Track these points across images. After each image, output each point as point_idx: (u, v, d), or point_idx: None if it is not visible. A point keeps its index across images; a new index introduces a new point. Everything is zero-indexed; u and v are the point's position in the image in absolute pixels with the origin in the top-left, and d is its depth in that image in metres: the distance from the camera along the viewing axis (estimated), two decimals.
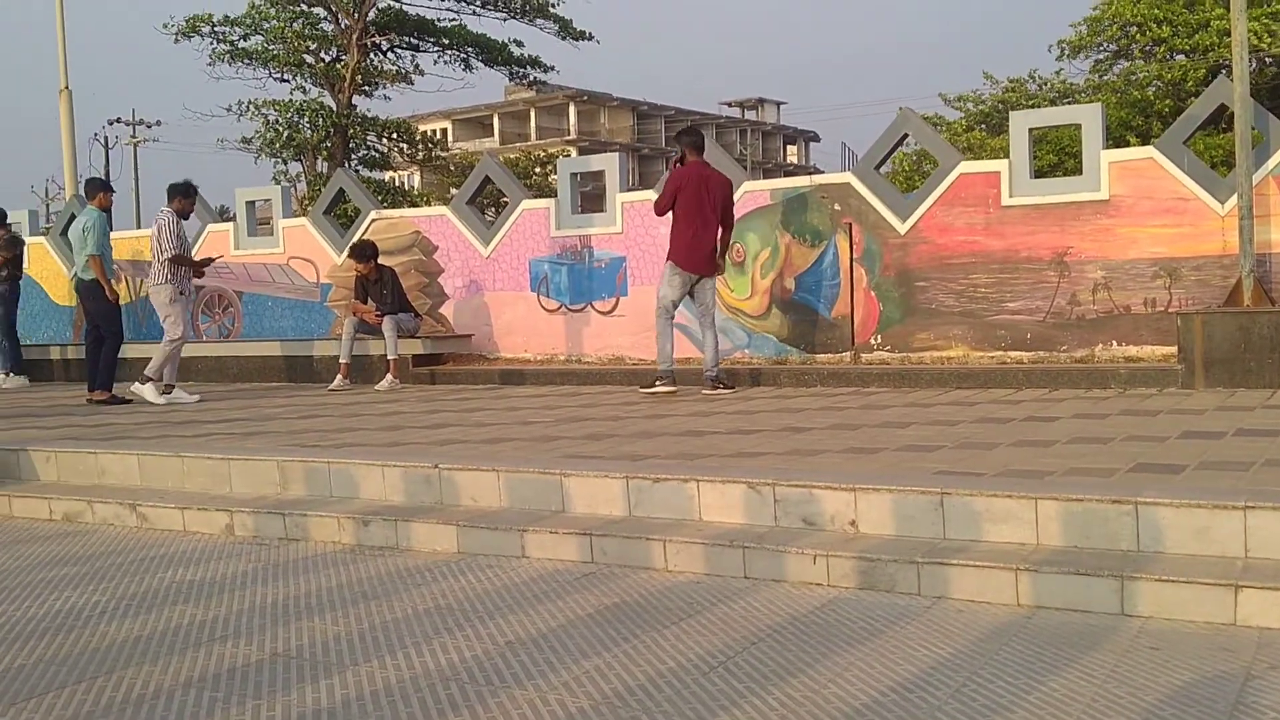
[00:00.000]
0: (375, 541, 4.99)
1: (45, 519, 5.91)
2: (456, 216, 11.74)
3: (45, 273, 14.32)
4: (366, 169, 24.13)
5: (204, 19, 22.44)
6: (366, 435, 6.69)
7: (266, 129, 22.49)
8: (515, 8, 23.13)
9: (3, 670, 3.39)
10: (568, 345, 11.03)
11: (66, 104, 19.10)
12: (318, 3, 22.53)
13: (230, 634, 3.71)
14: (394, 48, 23.99)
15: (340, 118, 22.22)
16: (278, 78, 23.46)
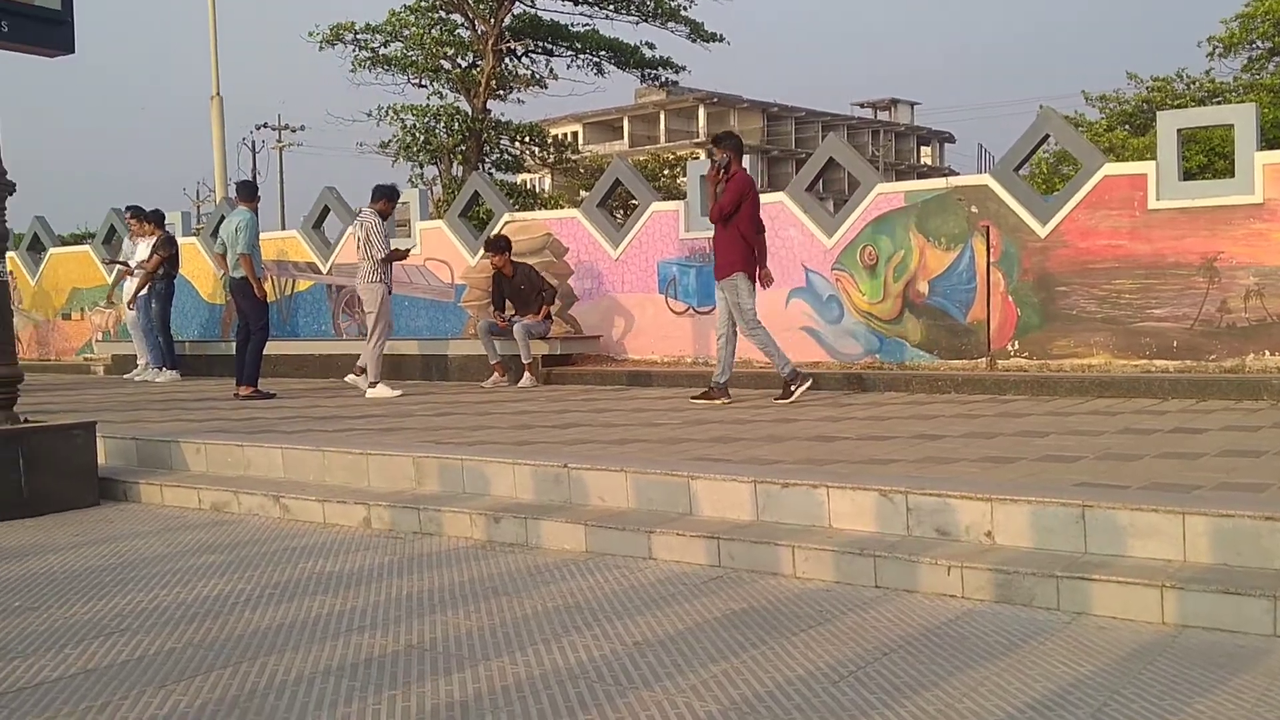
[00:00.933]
0: (506, 538, 5.07)
1: (195, 508, 6.17)
2: (587, 219, 11.86)
3: (196, 272, 14.95)
4: (500, 172, 24.57)
5: (347, 27, 23.15)
6: (498, 434, 6.81)
7: (404, 133, 23.08)
8: (647, 11, 23.25)
9: (154, 654, 3.55)
10: (695, 347, 11.03)
11: (217, 110, 19.95)
12: (455, 9, 23.02)
13: (367, 625, 3.81)
14: (528, 53, 24.37)
15: (475, 122, 22.67)
16: (415, 83, 24.07)
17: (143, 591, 4.34)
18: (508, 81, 24.08)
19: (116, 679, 3.29)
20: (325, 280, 14.11)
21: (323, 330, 14.11)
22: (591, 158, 41.66)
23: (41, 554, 5.11)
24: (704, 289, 10.98)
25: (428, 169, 24.15)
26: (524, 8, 23.32)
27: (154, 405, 9.52)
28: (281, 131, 51.29)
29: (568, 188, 39.78)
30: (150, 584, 4.46)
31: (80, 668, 3.40)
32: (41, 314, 17.02)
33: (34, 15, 6.31)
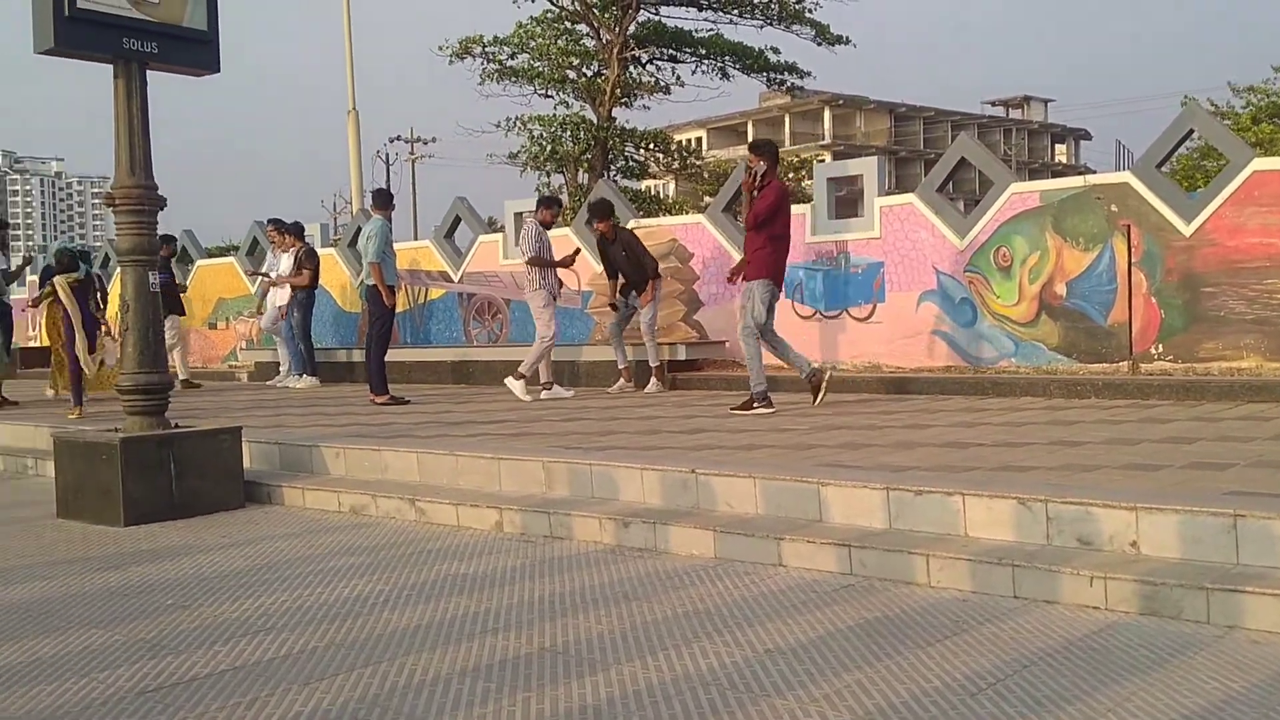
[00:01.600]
0: (635, 543, 5.09)
1: (334, 510, 6.37)
2: (712, 224, 11.84)
3: (333, 281, 15.43)
4: (624, 179, 24.73)
5: (475, 40, 23.62)
6: (625, 438, 6.84)
7: (531, 143, 23.42)
8: (772, 15, 23.12)
9: (299, 652, 3.66)
10: (822, 352, 10.91)
11: (353, 124, 20.58)
12: (581, 20, 23.27)
13: (501, 627, 3.87)
14: (653, 60, 24.48)
15: (600, 130, 22.87)
16: (542, 94, 24.40)
17: (287, 591, 4.49)
18: (632, 89, 24.23)
19: (263, 676, 3.41)
20: (456, 288, 14.41)
21: (454, 337, 14.41)
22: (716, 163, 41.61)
23: (191, 554, 5.33)
24: (831, 293, 10.86)
25: (554, 178, 24.47)
26: (649, 15, 23.44)
27: (295, 410, 9.85)
28: (414, 144, 52.63)
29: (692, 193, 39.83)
30: (294, 584, 4.61)
31: (229, 664, 3.53)
32: (189, 323, 17.79)
33: (182, 36, 6.60)
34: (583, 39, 23.83)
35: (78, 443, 6.50)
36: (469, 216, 14.66)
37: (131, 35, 6.32)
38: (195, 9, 6.59)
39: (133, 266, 6.52)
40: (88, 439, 6.48)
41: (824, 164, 13.27)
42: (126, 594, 4.55)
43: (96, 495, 6.27)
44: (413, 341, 14.45)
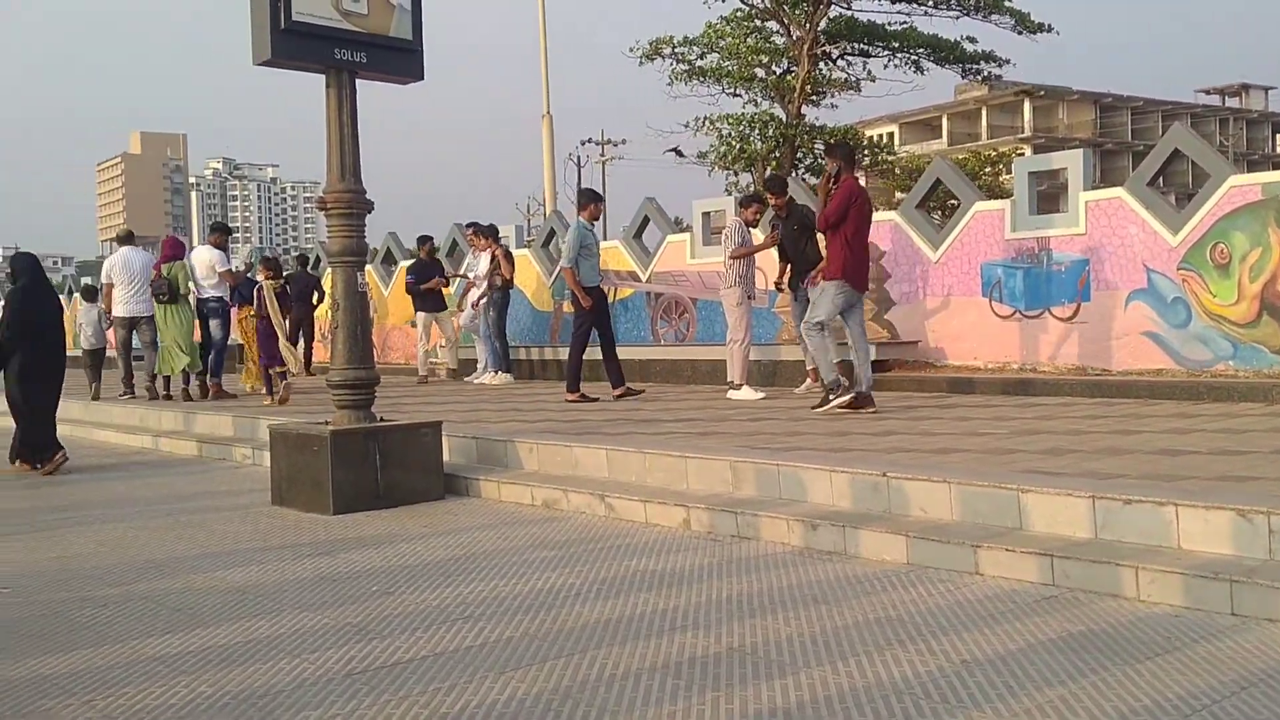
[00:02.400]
0: (823, 545, 5.02)
1: (528, 504, 6.53)
2: (905, 220, 11.58)
3: (526, 281, 15.82)
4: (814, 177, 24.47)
5: (665, 41, 23.81)
6: (813, 440, 6.77)
7: (720, 142, 23.45)
8: (969, 5, 22.45)
9: (494, 641, 3.77)
10: (1022, 353, 10.52)
11: (548, 128, 21.07)
12: (771, 17, 23.15)
13: (689, 625, 3.88)
14: (844, 55, 24.14)
15: (789, 128, 22.69)
16: (730, 93, 24.39)
17: (484, 582, 4.62)
18: (822, 86, 23.95)
19: (461, 663, 3.52)
20: (644, 288, 14.56)
21: (642, 336, 14.56)
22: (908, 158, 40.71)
23: (395, 543, 5.56)
24: (1032, 291, 10.45)
25: (742, 176, 24.43)
26: (840, 10, 23.12)
27: (491, 406, 10.15)
28: (605, 146, 53.47)
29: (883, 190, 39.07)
30: (490, 575, 4.75)
31: (430, 651, 3.67)
32: (392, 322, 18.56)
33: (389, 46, 6.89)
34: (772, 37, 23.70)
35: (291, 434, 6.87)
36: (657, 216, 14.79)
37: (342, 46, 6.64)
38: (401, 20, 6.87)
39: (342, 267, 6.85)
40: (300, 431, 6.85)
41: (1024, 158, 12.79)
42: (335, 580, 4.78)
43: (308, 484, 6.62)
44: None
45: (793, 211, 10.40)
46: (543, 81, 20.82)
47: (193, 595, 4.57)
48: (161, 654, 3.72)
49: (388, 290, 18.51)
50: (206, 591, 4.64)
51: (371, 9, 6.72)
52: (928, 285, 11.34)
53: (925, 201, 12.00)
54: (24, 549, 5.66)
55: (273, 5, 6.36)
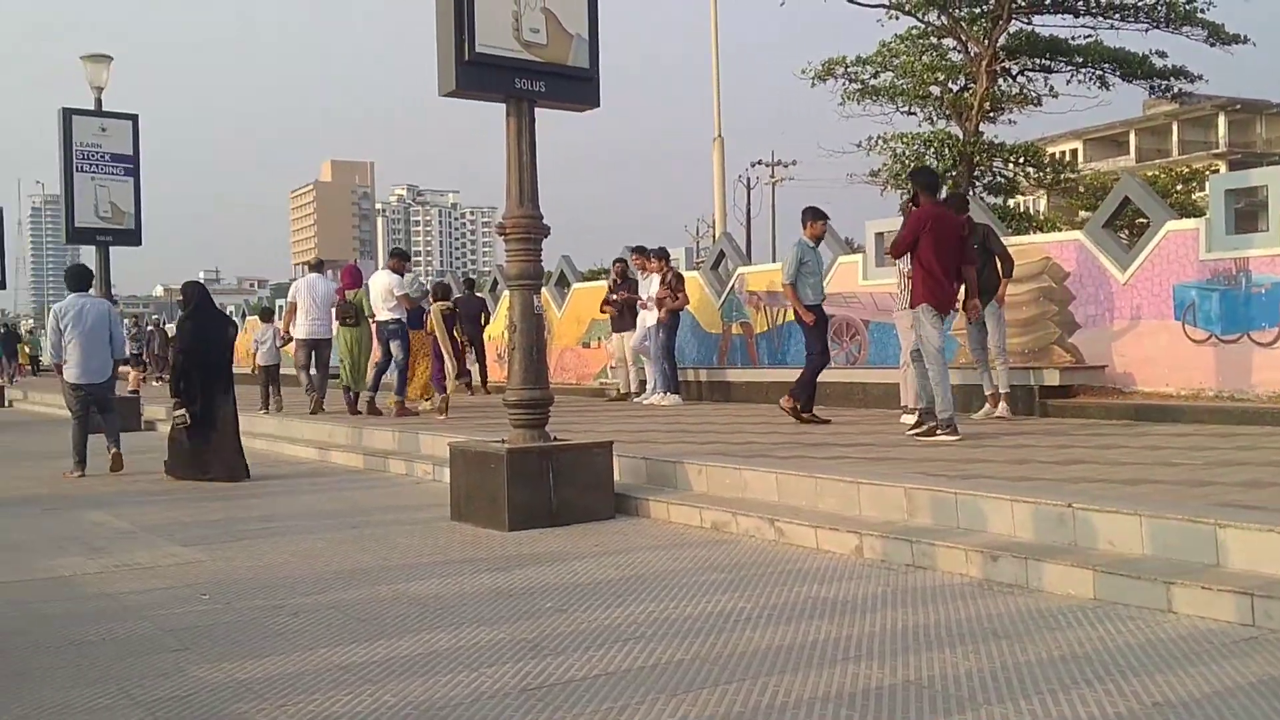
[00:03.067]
0: (1003, 578, 4.86)
1: (697, 526, 6.54)
2: (1090, 240, 11.13)
3: (696, 303, 15.88)
4: (991, 195, 23.80)
5: (839, 61, 23.58)
6: (992, 467, 6.56)
7: (894, 161, 23.06)
8: (1159, 17, 21.45)
9: (665, 663, 3.78)
10: (1218, 380, 9.95)
11: (719, 150, 21.16)
12: (948, 34, 22.68)
13: (863, 654, 3.81)
14: (1024, 71, 23.42)
15: (967, 146, 22.14)
16: (905, 111, 23.97)
17: (654, 602, 4.65)
18: (1001, 102, 23.29)
19: (633, 684, 3.54)
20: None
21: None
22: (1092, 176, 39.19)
23: (567, 561, 5.65)
24: (1229, 314, 9.89)
25: None
26: (1020, 25, 22.45)
27: (659, 428, 10.22)
28: (774, 167, 53.33)
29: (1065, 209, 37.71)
30: (660, 596, 4.78)
31: (602, 670, 3.71)
32: (565, 343, 18.93)
33: (567, 75, 7.06)
34: (949, 54, 23.20)
35: (470, 452, 7.07)
36: (829, 238, 14.64)
37: (522, 75, 6.84)
38: (579, 49, 7.03)
39: (520, 290, 7.03)
40: (478, 449, 7.04)
41: (1220, 175, 12.15)
42: (510, 595, 4.89)
43: (485, 501, 6.80)
44: (770, 362, 14.59)
45: (973, 230, 10.06)
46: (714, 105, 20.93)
47: (377, 606, 4.75)
48: (348, 662, 3.88)
49: (561, 312, 18.88)
50: (390, 602, 4.81)
51: (551, 39, 6.91)
52: (1115, 308, 10.86)
53: (1112, 220, 11.52)
54: (222, 558, 5.99)
55: (458, 38, 6.61)
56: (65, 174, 15.86)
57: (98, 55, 16.29)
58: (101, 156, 16.13)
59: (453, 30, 6.63)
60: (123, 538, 6.71)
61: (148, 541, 6.55)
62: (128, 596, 5.06)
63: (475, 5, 6.60)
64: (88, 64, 16.19)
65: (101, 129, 16.18)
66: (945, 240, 8.47)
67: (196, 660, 3.97)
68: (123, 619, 4.64)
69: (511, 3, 6.76)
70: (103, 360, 10.13)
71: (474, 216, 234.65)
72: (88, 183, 16.02)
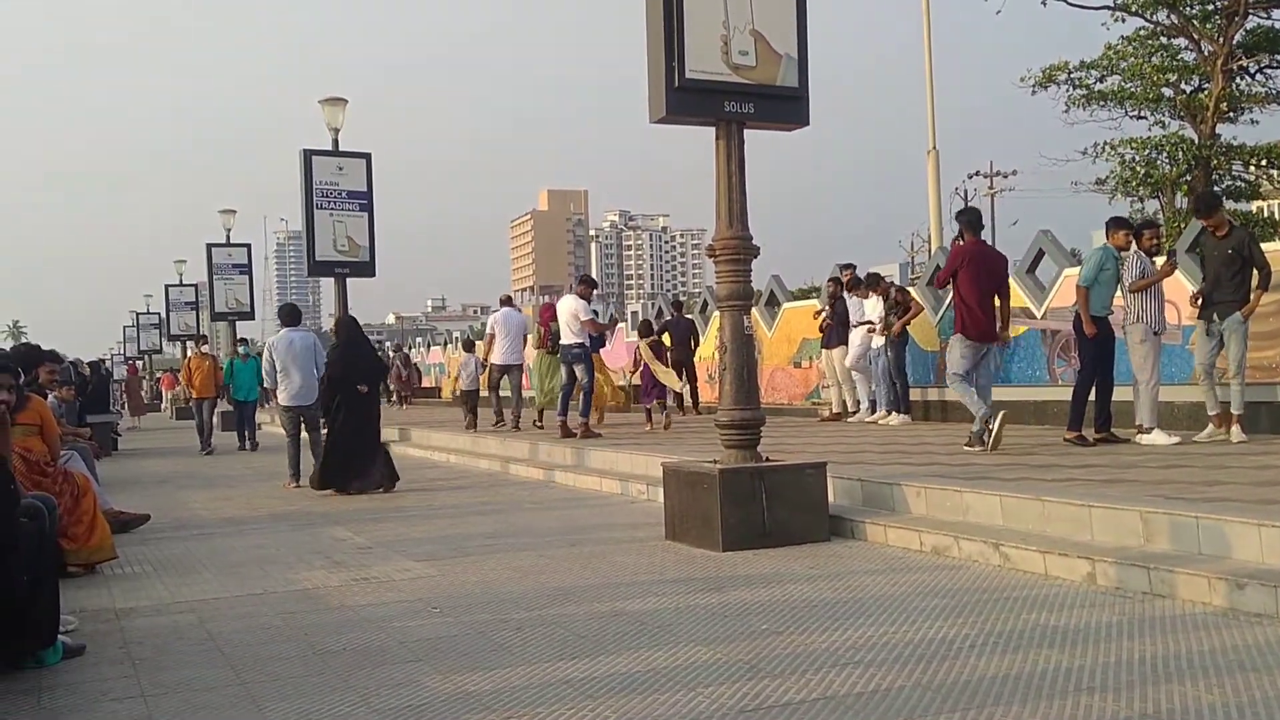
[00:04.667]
0: (1250, 607, 4.54)
1: (916, 549, 6.38)
2: None
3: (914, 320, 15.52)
4: (1231, 200, 22.31)
5: (1060, 67, 22.67)
6: (1236, 490, 6.13)
7: (1122, 168, 21.95)
8: None
9: (884, 689, 3.71)
10: None
11: (933, 163, 20.67)
12: (1179, 34, 21.48)
13: (1096, 686, 3.63)
14: (1263, 69, 21.91)
15: (1202, 149, 20.87)
16: (1133, 115, 22.81)
17: (872, 627, 4.57)
18: (1240, 102, 21.84)
19: (852, 709, 3.50)
20: (1039, 325, 13.86)
21: (1037, 375, 13.85)
22: None
23: (782, 583, 5.62)
24: None
25: (1148, 203, 22.70)
26: (1258, 20, 21.02)
27: (874, 448, 10.03)
28: (993, 178, 51.65)
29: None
30: (879, 620, 4.69)
31: (820, 694, 3.67)
32: (776, 363, 18.86)
33: (776, 95, 7.07)
34: (1180, 54, 21.96)
35: (683, 472, 7.14)
36: (1052, 249, 14.05)
37: (731, 98, 6.89)
38: (788, 68, 7.03)
39: (730, 311, 7.06)
40: (691, 469, 7.10)
41: None
42: (725, 615, 4.91)
43: (698, 521, 6.85)
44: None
45: (1231, 233, 9.27)
46: (928, 116, 20.47)
47: (596, 622, 4.86)
48: (570, 677, 3.98)
49: (771, 332, 18.85)
50: (608, 619, 4.91)
51: (760, 60, 6.94)
52: None
53: None
54: (451, 573, 6.26)
55: (668, 65, 6.73)
56: (306, 211, 16.98)
57: (334, 98, 17.40)
58: (339, 194, 17.20)
59: (663, 57, 6.75)
60: (360, 553, 7.11)
61: (382, 556, 6.91)
62: (365, 609, 5.36)
63: (685, 31, 6.70)
64: (326, 107, 17.32)
65: (339, 168, 17.26)
66: (981, 276, 9.41)
67: (429, 671, 4.16)
68: (361, 630, 4.92)
69: (721, 26, 6.83)
70: (310, 385, 11.52)
71: (684, 239, 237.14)
72: (326, 219, 17.12)
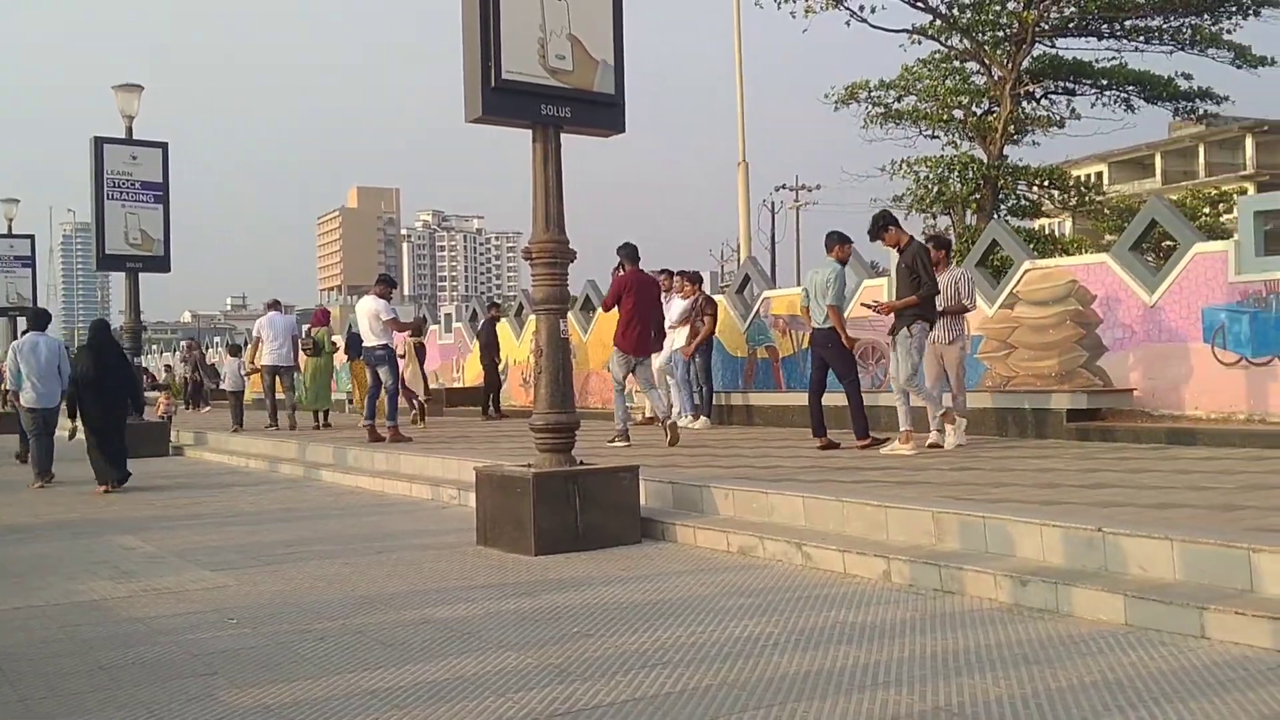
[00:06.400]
0: (1033, 603, 4.82)
1: (723, 550, 6.51)
2: (1118, 263, 11.08)
3: (721, 326, 15.87)
4: (1015, 218, 23.69)
5: (861, 86, 23.60)
6: (1019, 491, 6.51)
7: (917, 185, 23.01)
8: (1184, 39, 21.37)
9: (692, 688, 3.77)
10: (1249, 403, 9.86)
11: (743, 175, 21.23)
12: (971, 58, 22.69)
13: (891, 680, 3.79)
14: (1047, 94, 23.38)
15: (990, 169, 22.10)
16: (927, 135, 23.95)
17: (681, 627, 4.64)
18: (1025, 125, 23.24)
19: (660, 710, 3.53)
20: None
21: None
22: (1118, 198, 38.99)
23: (594, 586, 5.64)
24: (1260, 337, 9.80)
25: (940, 219, 23.88)
26: (1044, 48, 22.43)
27: (685, 452, 10.19)
28: (798, 191, 53.36)
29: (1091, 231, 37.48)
30: (687, 621, 4.76)
31: (629, 695, 3.70)
32: (591, 367, 18.95)
33: (593, 100, 7.10)
34: (971, 77, 23.20)
35: (497, 476, 7.08)
36: (855, 263, 14.62)
37: (548, 102, 6.88)
38: (604, 75, 7.08)
39: (546, 315, 7.05)
40: (505, 473, 7.05)
41: (1249, 197, 12.09)
42: (537, 619, 4.89)
43: (511, 525, 6.81)
44: (794, 386, 14.55)
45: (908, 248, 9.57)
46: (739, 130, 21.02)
47: (403, 630, 4.76)
48: (375, 687, 3.88)
49: (587, 336, 18.92)
50: (416, 627, 4.81)
51: (577, 65, 6.96)
52: (1143, 331, 10.79)
53: (1139, 243, 11.46)
54: (249, 582, 6.01)
55: (484, 65, 6.67)
56: (96, 202, 16.08)
57: (129, 85, 16.54)
58: (132, 184, 16.35)
59: (479, 57, 6.68)
60: (151, 562, 6.76)
61: (175, 566, 6.59)
62: (156, 620, 5.10)
63: (502, 32, 6.65)
64: (119, 93, 16.44)
65: (133, 157, 16.41)
66: (643, 300, 11.15)
67: (224, 685, 3.98)
68: (152, 643, 4.67)
69: (538, 30, 6.81)
70: (52, 389, 11.79)
71: (499, 241, 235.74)
72: (118, 210, 16.24)
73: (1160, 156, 66.56)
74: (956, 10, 20.82)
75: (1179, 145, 65.60)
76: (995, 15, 20.59)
